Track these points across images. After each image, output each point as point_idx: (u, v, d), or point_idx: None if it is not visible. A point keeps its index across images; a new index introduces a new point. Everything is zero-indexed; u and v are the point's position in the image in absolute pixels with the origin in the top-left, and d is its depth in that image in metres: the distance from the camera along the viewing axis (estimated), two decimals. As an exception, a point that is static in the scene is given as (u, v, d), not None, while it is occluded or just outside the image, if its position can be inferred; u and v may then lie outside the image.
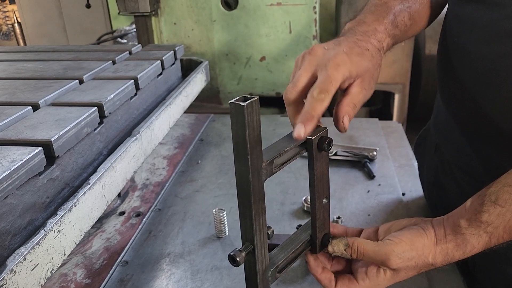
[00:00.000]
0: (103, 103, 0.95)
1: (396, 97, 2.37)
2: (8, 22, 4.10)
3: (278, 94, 2.04)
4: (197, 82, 1.36)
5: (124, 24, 2.89)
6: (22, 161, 0.71)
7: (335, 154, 1.19)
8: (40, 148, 0.75)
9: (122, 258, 0.88)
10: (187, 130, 1.42)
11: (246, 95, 0.52)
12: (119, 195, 1.06)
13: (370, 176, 1.11)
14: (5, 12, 4.05)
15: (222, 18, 1.99)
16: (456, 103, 0.82)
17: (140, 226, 0.97)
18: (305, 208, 0.99)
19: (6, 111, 0.91)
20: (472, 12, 0.74)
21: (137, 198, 1.07)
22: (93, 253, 0.89)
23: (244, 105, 0.50)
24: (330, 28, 3.00)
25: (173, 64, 1.37)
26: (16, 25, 3.79)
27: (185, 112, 1.80)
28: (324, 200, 0.67)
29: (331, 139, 0.62)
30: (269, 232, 0.61)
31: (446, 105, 0.85)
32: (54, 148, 0.79)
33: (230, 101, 0.52)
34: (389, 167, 1.15)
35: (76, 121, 0.85)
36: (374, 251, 0.63)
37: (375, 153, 1.16)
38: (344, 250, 0.65)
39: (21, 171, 0.70)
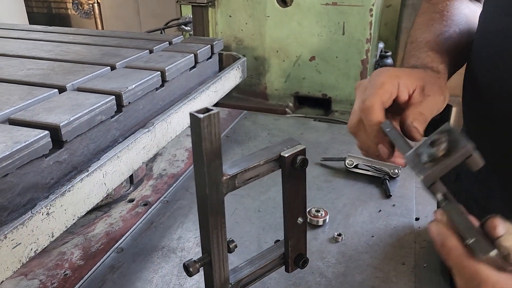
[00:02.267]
0: (122, 92, 0.98)
1: (454, 110, 2.22)
2: (89, 2, 4.35)
3: (324, 95, 2.00)
4: (230, 79, 1.36)
5: (190, 12, 2.97)
6: (26, 143, 0.75)
7: (355, 167, 1.14)
8: (46, 132, 0.79)
9: (119, 245, 0.91)
10: (216, 124, 1.43)
11: (209, 107, 0.51)
12: (132, 182, 1.09)
13: (386, 194, 1.05)
14: (87, -9, 4.29)
15: (276, 14, 1.97)
16: (483, 128, 0.75)
17: (144, 216, 1.00)
18: (308, 220, 0.97)
19: (34, 92, 0.97)
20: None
21: (149, 187, 1.10)
22: (94, 236, 0.93)
23: (200, 117, 0.49)
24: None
25: (210, 58, 1.38)
26: (95, 5, 4.01)
27: (222, 106, 1.82)
28: (300, 220, 0.65)
29: (306, 159, 0.60)
30: (230, 246, 0.60)
31: (471, 129, 0.78)
32: (62, 133, 0.82)
33: (190, 112, 0.51)
34: (409, 187, 1.09)
35: (89, 108, 0.89)
36: None
37: (397, 170, 1.11)
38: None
39: (23, 152, 0.74)
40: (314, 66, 1.99)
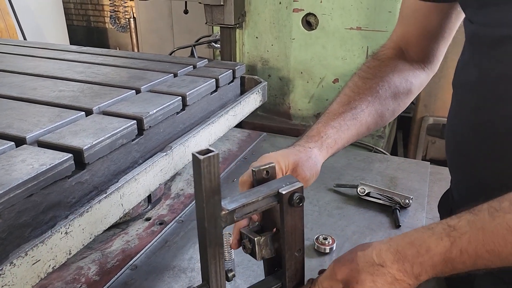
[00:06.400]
0: (143, 117, 1.04)
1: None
2: (126, 16, 4.51)
3: (346, 118, 2.02)
4: (250, 102, 1.41)
5: (220, 30, 3.05)
6: (50, 166, 0.81)
7: (367, 195, 1.16)
8: (70, 155, 0.85)
9: (133, 262, 0.96)
10: (235, 146, 1.48)
11: (210, 148, 0.56)
12: (150, 201, 1.14)
13: (396, 224, 1.07)
14: (125, 7, 4.47)
15: (301, 37, 2.01)
16: (483, 164, 0.76)
17: (159, 235, 1.04)
18: (315, 247, 0.99)
19: (63, 114, 1.04)
20: None
21: (166, 206, 1.15)
22: (111, 252, 0.99)
23: (201, 159, 0.54)
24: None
25: (231, 82, 1.43)
26: (132, 20, 4.16)
27: (246, 125, 1.87)
28: (296, 253, 0.68)
29: (303, 196, 0.63)
30: (229, 275, 0.64)
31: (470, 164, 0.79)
32: (84, 156, 0.89)
33: (192, 152, 0.55)
34: (420, 218, 1.10)
35: (112, 133, 0.95)
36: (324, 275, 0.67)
37: (407, 201, 1.12)
38: None
39: (48, 174, 0.81)
40: (338, 88, 2.01)
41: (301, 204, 0.64)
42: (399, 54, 0.94)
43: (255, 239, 0.67)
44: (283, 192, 0.63)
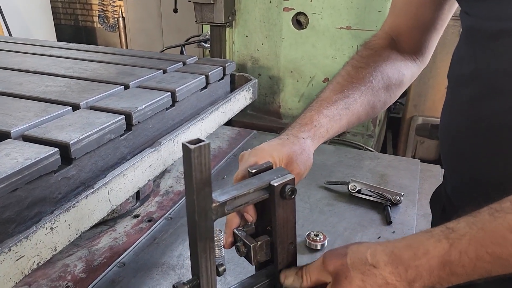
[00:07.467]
0: (132, 112, 1.02)
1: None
2: (115, 16, 4.47)
3: (336, 117, 2.01)
4: (240, 100, 1.39)
5: (210, 29, 3.04)
6: (35, 160, 0.79)
7: (358, 192, 1.15)
8: (56, 149, 0.83)
9: (121, 260, 0.94)
10: (225, 143, 1.46)
11: (201, 138, 0.54)
12: (138, 198, 1.12)
13: (387, 221, 1.06)
14: (114, 6, 4.43)
15: (291, 36, 2.01)
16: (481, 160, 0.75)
17: (147, 232, 1.03)
18: (307, 244, 0.98)
19: (49, 109, 1.02)
20: None
21: (155, 203, 1.13)
22: (98, 249, 0.96)
23: (191, 148, 0.52)
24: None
25: (222, 79, 1.42)
26: (120, 19, 4.12)
27: (235, 124, 1.85)
28: (288, 247, 0.67)
29: (295, 189, 0.62)
30: (219, 269, 0.62)
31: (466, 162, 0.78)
32: (71, 150, 0.86)
33: (182, 142, 0.54)
34: (411, 214, 1.09)
35: (99, 127, 0.93)
36: (314, 264, 0.65)
37: (398, 198, 1.11)
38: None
39: (33, 168, 0.78)
40: (328, 87, 2.01)
41: (293, 196, 0.63)
42: (391, 44, 0.93)
43: (251, 245, 0.65)
44: (275, 184, 0.61)
